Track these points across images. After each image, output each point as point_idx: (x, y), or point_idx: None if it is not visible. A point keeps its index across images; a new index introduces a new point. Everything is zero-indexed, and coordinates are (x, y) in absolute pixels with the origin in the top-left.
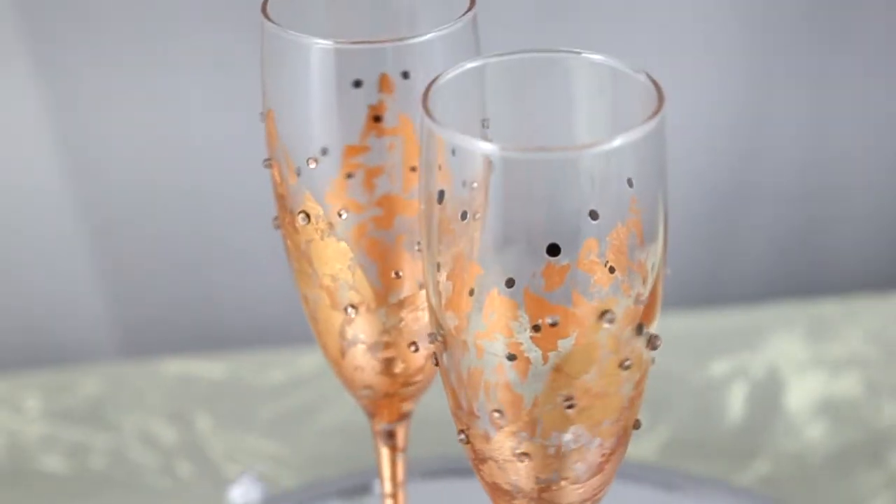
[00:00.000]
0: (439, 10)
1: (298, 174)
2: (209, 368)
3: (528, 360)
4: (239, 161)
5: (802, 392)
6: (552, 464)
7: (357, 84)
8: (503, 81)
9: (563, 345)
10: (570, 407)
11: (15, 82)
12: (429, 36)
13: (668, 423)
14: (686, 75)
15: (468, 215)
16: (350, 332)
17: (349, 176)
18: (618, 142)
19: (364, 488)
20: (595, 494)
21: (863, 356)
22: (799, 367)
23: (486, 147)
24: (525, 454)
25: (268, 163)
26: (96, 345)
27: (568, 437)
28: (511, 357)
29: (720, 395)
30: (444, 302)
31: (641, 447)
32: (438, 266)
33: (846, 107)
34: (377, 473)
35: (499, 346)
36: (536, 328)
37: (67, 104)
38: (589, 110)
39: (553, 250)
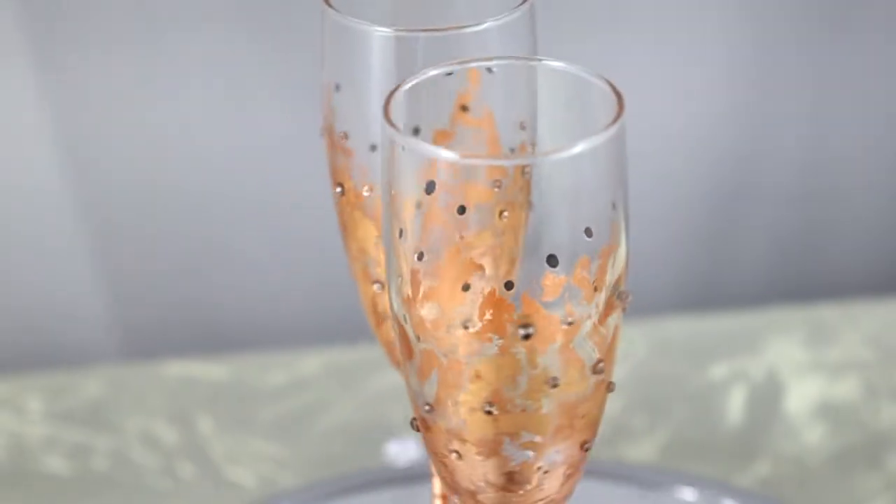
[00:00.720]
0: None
1: (350, 155)
2: (210, 370)
3: (516, 362)
4: (241, 162)
5: (802, 395)
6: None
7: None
8: (464, 88)
9: (550, 350)
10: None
11: (16, 82)
12: (485, 25)
13: (668, 426)
14: (685, 76)
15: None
16: (381, 306)
17: None
18: (578, 148)
19: (365, 489)
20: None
21: (862, 359)
22: (798, 370)
23: (446, 154)
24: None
25: (337, 134)
26: (98, 346)
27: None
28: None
29: (720, 397)
30: (423, 291)
31: (641, 449)
32: (421, 254)
33: (846, 109)
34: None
35: (490, 347)
36: (527, 335)
37: (68, 105)
38: (551, 118)
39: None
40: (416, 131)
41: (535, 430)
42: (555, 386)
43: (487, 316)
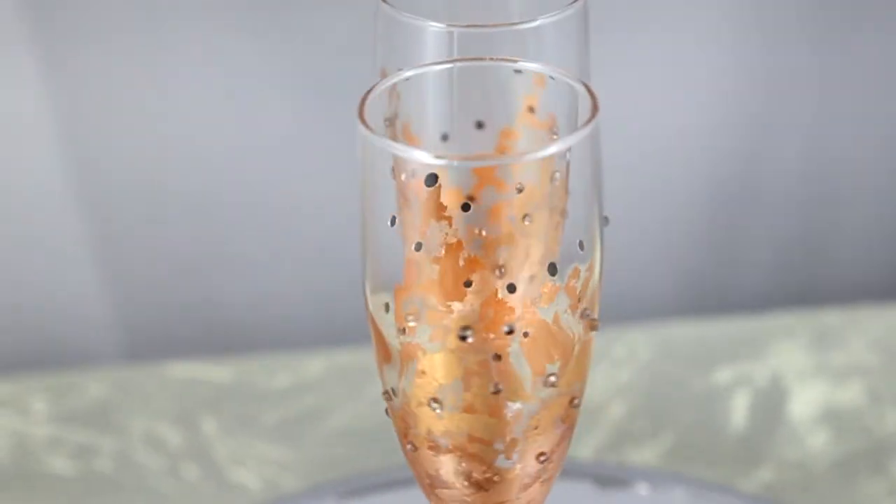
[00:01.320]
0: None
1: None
2: (215, 372)
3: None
4: (246, 163)
5: (806, 400)
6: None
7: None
8: (441, 89)
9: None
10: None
11: (20, 84)
12: (538, 22)
13: (672, 430)
14: (687, 82)
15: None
16: None
17: None
18: (552, 149)
19: (368, 492)
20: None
21: (866, 365)
22: (802, 375)
23: (421, 156)
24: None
25: (397, 123)
26: (102, 347)
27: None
28: (496, 357)
29: (723, 402)
30: (422, 280)
31: (645, 453)
32: (420, 245)
33: (850, 114)
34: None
35: (489, 345)
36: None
37: (72, 107)
38: (527, 119)
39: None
40: (479, 125)
41: (481, 433)
42: (496, 392)
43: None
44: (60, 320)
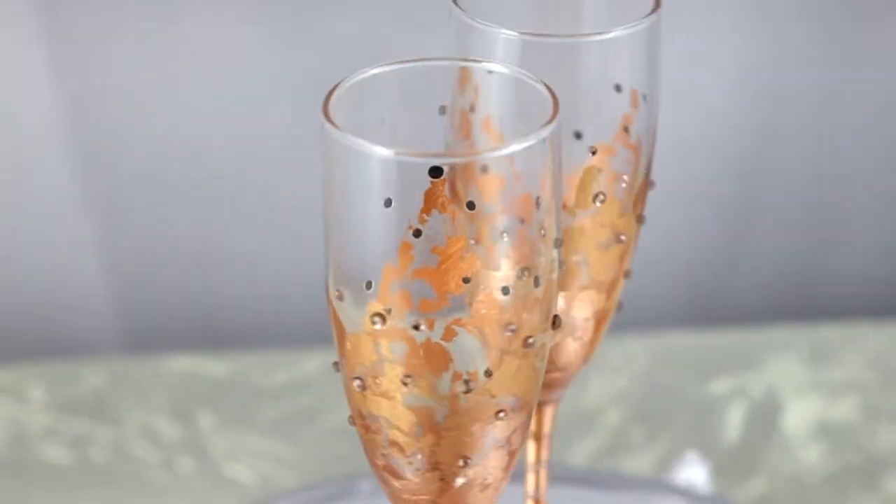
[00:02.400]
0: (622, 9)
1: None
2: (213, 367)
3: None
4: (247, 159)
5: (800, 414)
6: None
7: None
8: (406, 88)
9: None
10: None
11: (26, 79)
12: (613, 34)
13: (667, 438)
14: (691, 92)
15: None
16: None
17: None
18: (511, 148)
19: (362, 491)
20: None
21: (862, 381)
22: (798, 388)
23: (383, 152)
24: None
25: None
26: (101, 338)
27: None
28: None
29: (719, 413)
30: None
31: (639, 461)
32: (420, 231)
33: (852, 128)
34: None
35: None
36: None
37: (76, 99)
38: (499, 119)
39: None
40: (577, 136)
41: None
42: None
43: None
44: (60, 310)
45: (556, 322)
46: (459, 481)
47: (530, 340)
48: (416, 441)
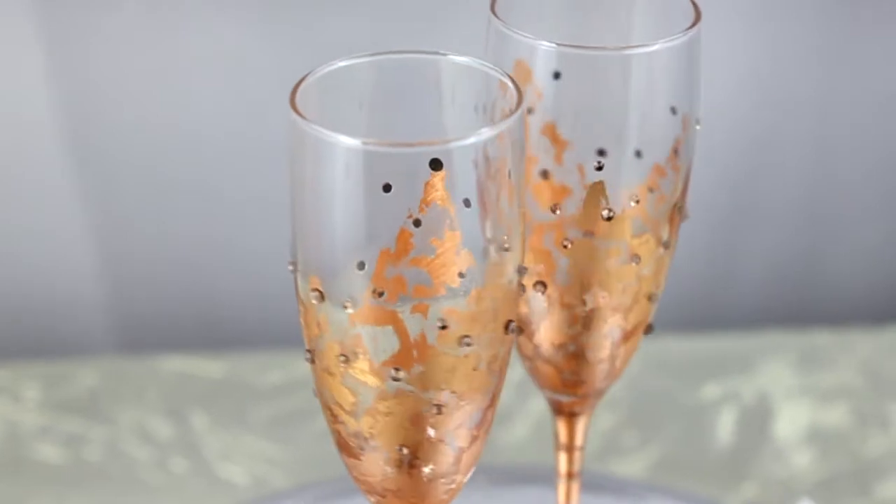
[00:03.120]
0: (661, 22)
1: None
2: (208, 367)
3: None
4: (244, 159)
5: (792, 419)
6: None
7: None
8: (373, 80)
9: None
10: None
11: (25, 77)
12: (655, 47)
13: (658, 443)
14: None
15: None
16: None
17: None
18: (473, 138)
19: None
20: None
21: (853, 386)
22: (789, 394)
23: (349, 141)
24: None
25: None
26: (96, 338)
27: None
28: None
29: (710, 417)
30: (411, 255)
31: (631, 465)
32: (419, 221)
33: (849, 135)
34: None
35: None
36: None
37: (73, 98)
38: (455, 108)
39: None
40: (637, 154)
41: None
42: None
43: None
44: (54, 310)
45: (509, 327)
46: (405, 467)
47: (466, 340)
48: (356, 421)
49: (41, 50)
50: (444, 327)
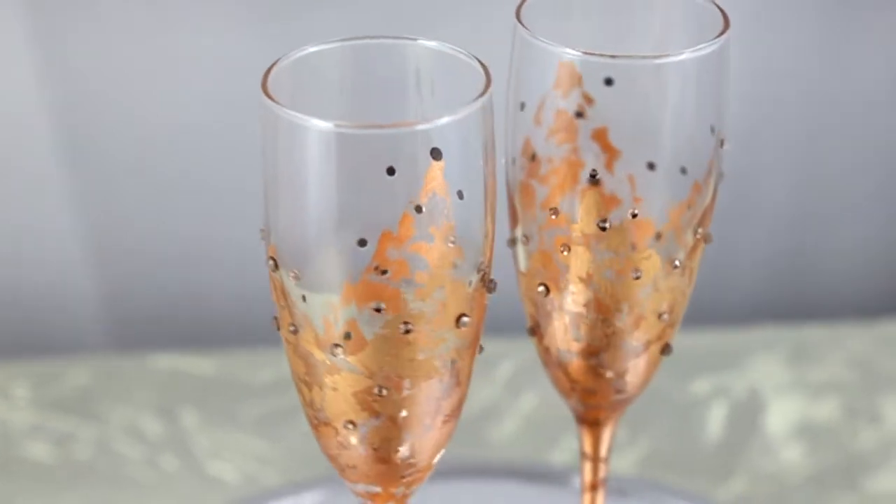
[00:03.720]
0: (692, 30)
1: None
2: (198, 364)
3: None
4: (234, 158)
5: (782, 414)
6: None
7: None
8: (344, 65)
9: None
10: None
11: (19, 78)
12: (682, 56)
13: (649, 438)
14: None
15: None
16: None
17: None
18: (445, 119)
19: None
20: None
21: (843, 381)
22: (780, 389)
23: (321, 124)
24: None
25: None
26: (86, 336)
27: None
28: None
29: (701, 412)
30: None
31: (621, 460)
32: (420, 208)
33: (839, 132)
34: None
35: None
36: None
37: (67, 93)
38: (425, 92)
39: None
40: (683, 170)
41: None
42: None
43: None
44: (44, 308)
45: (460, 322)
46: (352, 441)
47: (402, 327)
48: (309, 391)
49: (34, 47)
50: (377, 310)
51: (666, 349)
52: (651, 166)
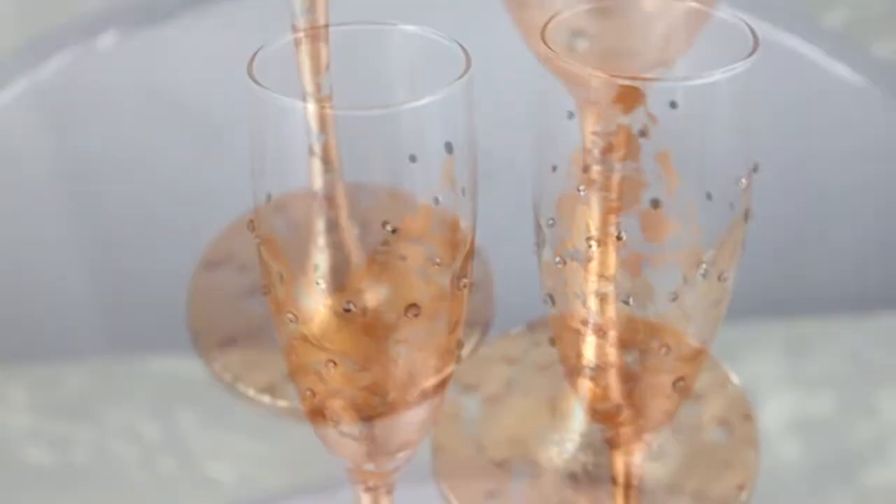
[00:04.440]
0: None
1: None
2: (195, 367)
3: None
4: (231, 161)
5: (777, 409)
6: None
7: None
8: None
9: None
10: None
11: (12, 87)
12: (714, 78)
13: None
14: None
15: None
16: None
17: None
18: (426, 100)
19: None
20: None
21: (839, 375)
22: (774, 383)
23: (310, 108)
24: None
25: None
26: (83, 340)
27: None
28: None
29: (695, 407)
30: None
31: None
32: (436, 199)
33: (836, 127)
34: None
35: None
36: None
37: (60, 101)
38: (406, 77)
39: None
40: (708, 197)
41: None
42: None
43: None
44: (43, 311)
45: (414, 311)
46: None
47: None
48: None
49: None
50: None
51: (679, 382)
52: (709, 196)
